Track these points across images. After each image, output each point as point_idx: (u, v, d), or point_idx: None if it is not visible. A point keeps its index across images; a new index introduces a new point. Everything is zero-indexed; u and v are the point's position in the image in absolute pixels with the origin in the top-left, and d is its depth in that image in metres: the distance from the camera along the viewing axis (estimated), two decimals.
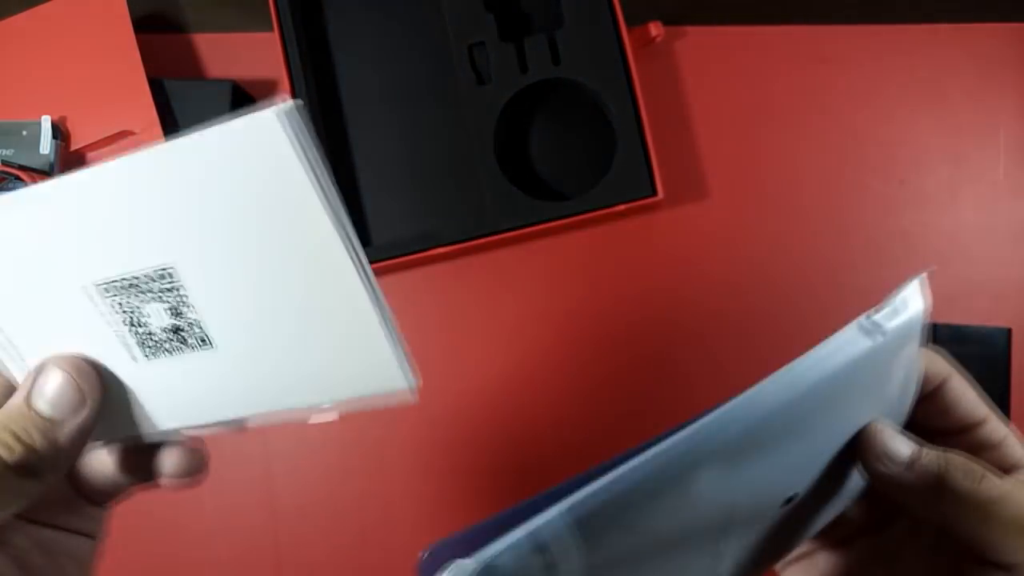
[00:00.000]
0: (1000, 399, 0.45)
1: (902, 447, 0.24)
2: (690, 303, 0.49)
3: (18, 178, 0.47)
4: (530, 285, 0.50)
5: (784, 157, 0.50)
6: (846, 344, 0.21)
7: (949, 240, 0.48)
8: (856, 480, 0.25)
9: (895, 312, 0.22)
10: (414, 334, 0.50)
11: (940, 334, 0.45)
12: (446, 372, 0.49)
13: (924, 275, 0.23)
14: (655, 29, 0.48)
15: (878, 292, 0.53)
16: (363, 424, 0.49)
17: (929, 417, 0.26)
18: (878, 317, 0.22)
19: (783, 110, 0.50)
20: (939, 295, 0.51)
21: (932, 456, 0.24)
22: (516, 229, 0.46)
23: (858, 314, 0.50)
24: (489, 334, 0.49)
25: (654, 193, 0.46)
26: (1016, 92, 0.49)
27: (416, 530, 0.48)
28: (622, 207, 0.46)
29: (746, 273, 0.49)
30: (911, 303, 0.22)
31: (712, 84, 0.50)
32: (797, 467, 0.23)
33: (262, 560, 0.49)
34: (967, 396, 0.26)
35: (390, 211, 0.50)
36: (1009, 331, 0.45)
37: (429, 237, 0.46)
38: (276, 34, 0.48)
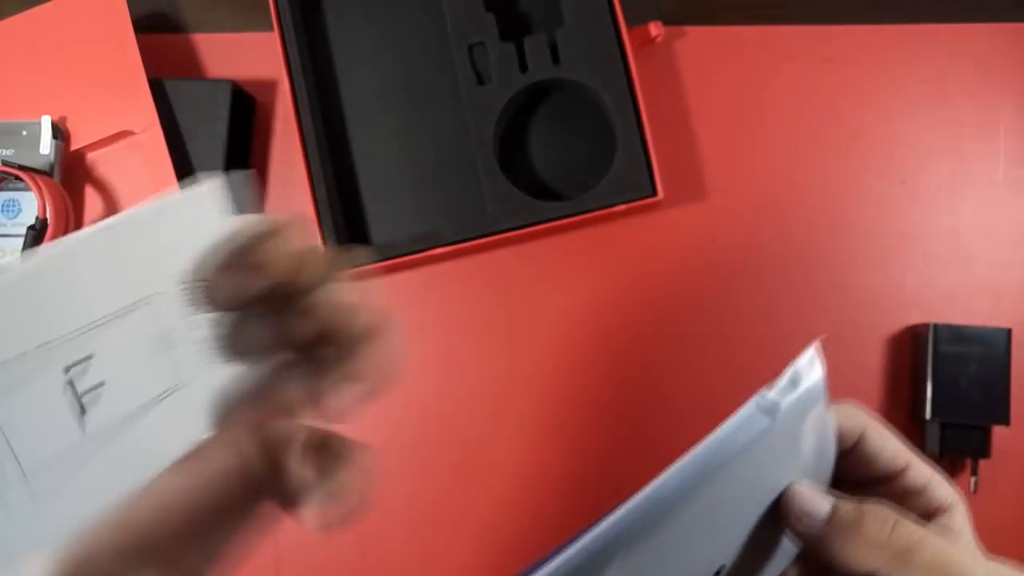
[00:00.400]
0: (1000, 399, 0.45)
1: (819, 504, 0.24)
2: (690, 302, 0.49)
3: (18, 178, 0.47)
4: (530, 285, 0.50)
5: (784, 157, 0.50)
6: (744, 425, 0.22)
7: (949, 240, 0.48)
8: (788, 542, 0.26)
9: (791, 386, 0.23)
10: (414, 334, 0.50)
11: (940, 334, 0.45)
12: (446, 372, 0.49)
13: (816, 343, 0.23)
14: (655, 29, 0.48)
15: (878, 292, 0.53)
16: (363, 424, 0.49)
17: (853, 469, 0.26)
18: (773, 395, 0.22)
19: (783, 110, 0.50)
20: (939, 295, 0.51)
21: (848, 508, 0.24)
22: (516, 229, 0.46)
23: (854, 315, 0.50)
24: (489, 334, 0.49)
25: (654, 193, 0.46)
26: (1016, 92, 0.49)
27: (416, 530, 0.48)
28: (622, 207, 0.46)
29: (746, 273, 0.49)
30: (806, 374, 0.23)
31: (712, 84, 0.50)
32: (717, 542, 0.24)
33: (262, 561, 0.49)
34: (887, 445, 0.26)
35: (390, 211, 0.50)
36: (1009, 331, 0.45)
37: (429, 237, 0.46)
38: (276, 34, 0.48)
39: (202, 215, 0.21)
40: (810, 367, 0.23)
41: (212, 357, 0.21)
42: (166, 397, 0.22)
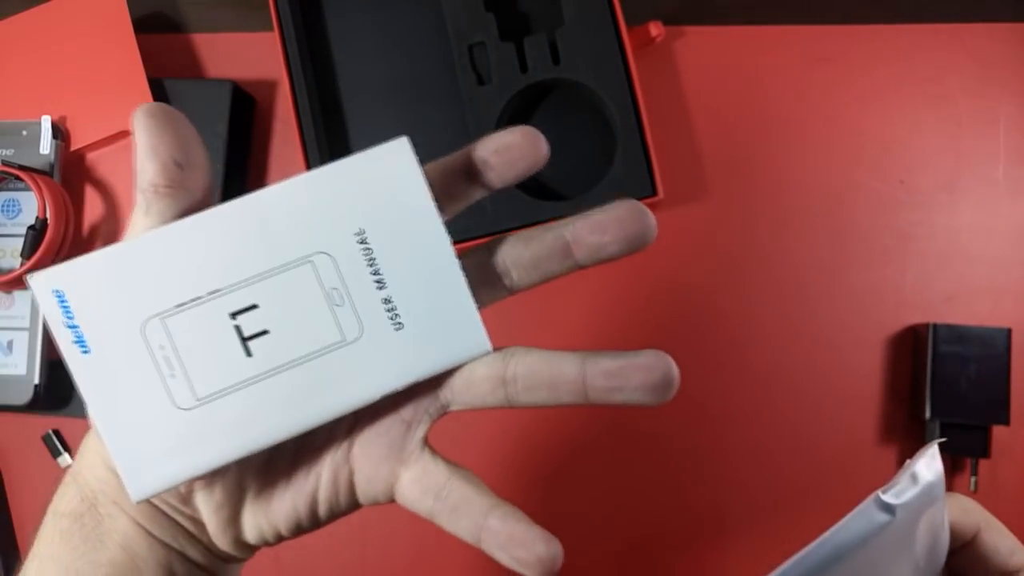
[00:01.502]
0: (1000, 399, 0.45)
1: None
2: (690, 302, 0.49)
3: (18, 178, 0.47)
4: None
5: (784, 157, 0.50)
6: (862, 522, 0.22)
7: (949, 240, 0.48)
8: None
9: (910, 483, 0.23)
10: None
11: (940, 334, 0.45)
12: None
13: (935, 445, 0.23)
14: (655, 29, 0.48)
15: (877, 292, 0.53)
16: None
17: (965, 566, 0.26)
18: (892, 492, 0.23)
19: (783, 110, 0.50)
20: (939, 295, 0.51)
21: None
22: (516, 229, 0.46)
23: (854, 315, 0.50)
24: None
25: (654, 193, 0.46)
26: (1016, 92, 0.49)
27: (417, 529, 0.48)
28: None
29: (745, 272, 0.49)
30: (925, 472, 0.23)
31: (712, 84, 0.50)
32: None
33: (262, 561, 0.49)
34: (1002, 544, 0.25)
35: None
36: (1009, 331, 0.45)
37: None
38: (276, 34, 0.48)
39: (389, 174, 0.22)
40: (929, 464, 0.23)
41: (378, 319, 0.23)
42: (328, 353, 0.23)
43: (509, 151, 0.24)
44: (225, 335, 0.22)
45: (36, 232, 0.47)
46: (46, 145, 0.49)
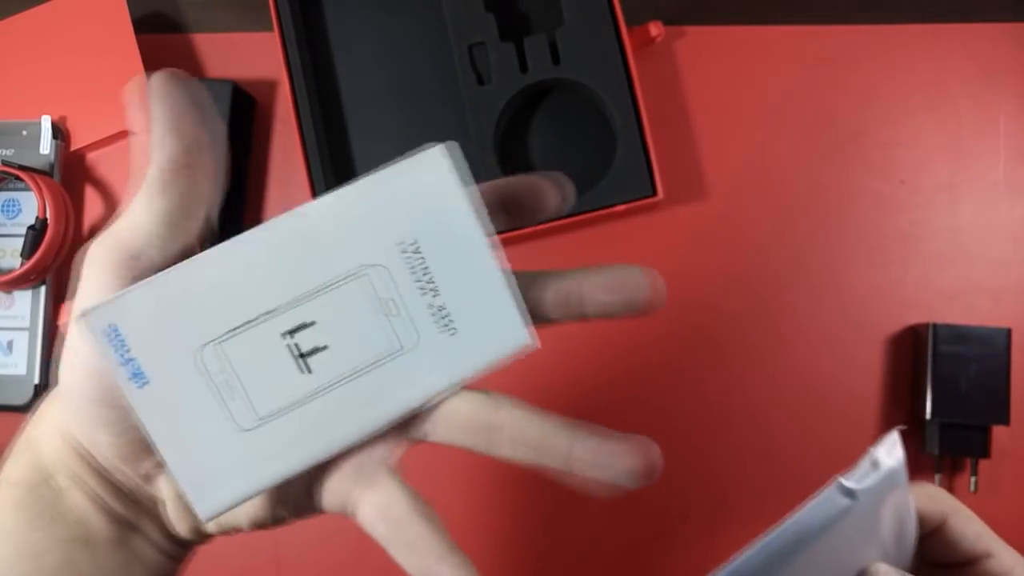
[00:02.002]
0: (1000, 399, 0.45)
1: None
2: (690, 303, 0.49)
3: (18, 178, 0.47)
4: None
5: (784, 157, 0.50)
6: (824, 507, 0.23)
7: (949, 240, 0.48)
8: None
9: (872, 468, 0.23)
10: None
11: (940, 334, 0.45)
12: None
13: (896, 432, 0.24)
14: (655, 29, 0.48)
15: (878, 292, 0.53)
16: None
17: (934, 552, 0.26)
18: (853, 477, 0.23)
19: (783, 110, 0.50)
20: (939, 295, 0.51)
21: None
22: (516, 229, 0.46)
23: (854, 315, 0.50)
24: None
25: (654, 193, 0.46)
26: (1016, 92, 0.49)
27: None
28: (622, 207, 0.46)
29: (745, 273, 0.49)
30: (887, 457, 0.24)
31: (712, 84, 0.50)
32: None
33: (262, 561, 0.49)
34: (970, 530, 0.26)
35: None
36: (1009, 331, 0.45)
37: None
38: (276, 34, 0.48)
39: (427, 181, 0.22)
40: (890, 451, 0.24)
41: (432, 325, 0.23)
42: (386, 362, 0.23)
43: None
44: (281, 354, 0.22)
45: (36, 232, 0.47)
46: (46, 145, 0.49)
